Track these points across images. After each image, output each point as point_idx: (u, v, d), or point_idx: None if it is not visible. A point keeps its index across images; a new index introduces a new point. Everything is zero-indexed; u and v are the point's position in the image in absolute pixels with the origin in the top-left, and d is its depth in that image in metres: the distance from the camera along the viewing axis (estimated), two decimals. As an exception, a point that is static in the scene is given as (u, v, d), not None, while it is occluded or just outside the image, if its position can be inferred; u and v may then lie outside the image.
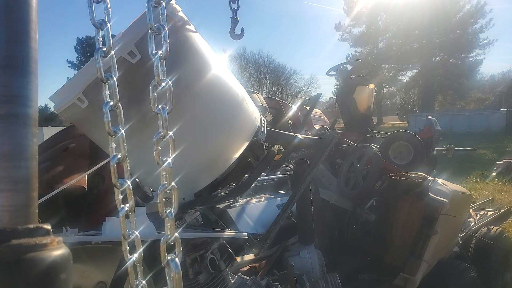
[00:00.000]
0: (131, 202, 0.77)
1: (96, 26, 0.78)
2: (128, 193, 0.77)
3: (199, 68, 1.71)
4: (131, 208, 0.77)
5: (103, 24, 0.78)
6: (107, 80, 0.78)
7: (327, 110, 39.13)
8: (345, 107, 5.36)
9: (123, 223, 0.76)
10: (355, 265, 2.83)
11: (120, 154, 0.77)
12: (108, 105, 0.78)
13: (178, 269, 0.73)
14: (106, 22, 0.78)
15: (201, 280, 1.97)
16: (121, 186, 0.76)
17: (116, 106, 0.79)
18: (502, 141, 19.84)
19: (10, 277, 0.52)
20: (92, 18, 0.78)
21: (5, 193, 0.58)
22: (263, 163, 2.12)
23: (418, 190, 2.60)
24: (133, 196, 0.78)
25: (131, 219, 0.79)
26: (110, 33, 0.79)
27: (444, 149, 6.13)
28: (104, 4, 0.80)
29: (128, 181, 0.77)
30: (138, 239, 0.77)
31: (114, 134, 0.77)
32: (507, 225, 4.87)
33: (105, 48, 0.78)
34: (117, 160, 0.77)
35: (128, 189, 0.77)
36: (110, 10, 0.80)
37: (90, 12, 0.78)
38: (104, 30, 0.78)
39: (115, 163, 0.76)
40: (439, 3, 38.70)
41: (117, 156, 0.77)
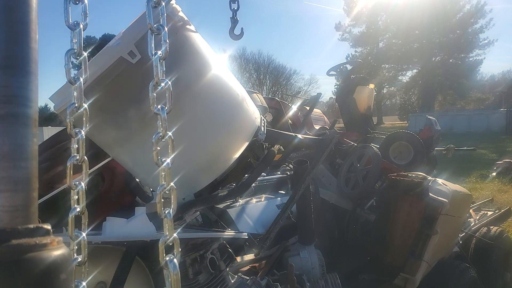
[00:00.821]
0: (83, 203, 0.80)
1: (70, 27, 0.78)
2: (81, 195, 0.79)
3: (199, 68, 1.71)
4: (82, 209, 0.80)
5: (76, 26, 0.79)
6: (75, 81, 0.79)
7: (327, 110, 39.12)
8: (345, 107, 5.36)
9: (72, 223, 0.78)
10: (355, 265, 2.83)
11: (78, 155, 0.79)
12: (73, 105, 0.79)
13: (176, 270, 0.73)
14: (80, 23, 0.79)
15: (201, 280, 1.97)
16: (75, 188, 0.79)
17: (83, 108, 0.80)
18: (502, 141, 19.83)
19: (10, 277, 0.52)
20: (67, 20, 0.79)
21: (5, 193, 0.58)
22: (263, 163, 2.12)
23: (418, 190, 2.60)
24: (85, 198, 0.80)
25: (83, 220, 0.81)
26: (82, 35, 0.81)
27: (444, 149, 6.13)
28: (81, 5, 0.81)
29: (83, 183, 0.79)
30: (85, 241, 0.79)
31: (75, 136, 0.78)
32: (507, 225, 4.87)
33: (76, 50, 0.79)
34: (74, 161, 0.79)
35: (82, 190, 0.79)
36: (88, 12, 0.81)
37: (66, 13, 0.79)
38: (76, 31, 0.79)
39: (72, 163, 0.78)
40: (439, 3, 38.69)
41: (76, 157, 0.79)
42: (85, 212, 0.81)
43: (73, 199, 0.79)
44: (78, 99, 0.80)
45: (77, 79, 0.79)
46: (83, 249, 0.79)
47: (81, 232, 0.79)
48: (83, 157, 0.80)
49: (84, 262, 0.78)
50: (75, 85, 0.79)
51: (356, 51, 47.47)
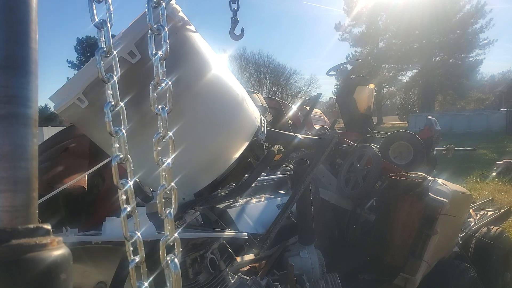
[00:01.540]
0: (133, 203, 0.77)
1: (97, 26, 0.77)
2: (130, 194, 0.77)
3: (199, 68, 1.71)
4: (133, 209, 0.77)
5: (103, 24, 0.78)
6: (108, 80, 0.77)
7: (327, 110, 39.13)
8: (345, 107, 5.36)
9: (125, 224, 0.76)
10: (355, 265, 2.83)
11: (121, 154, 0.77)
12: (110, 105, 0.77)
13: (177, 270, 0.73)
14: (107, 22, 0.78)
15: (201, 280, 1.97)
16: (123, 187, 0.76)
17: (119, 106, 0.79)
18: (502, 141, 19.83)
19: (10, 277, 0.52)
20: (93, 18, 0.77)
21: (5, 194, 0.58)
22: (263, 163, 2.12)
23: (418, 190, 2.60)
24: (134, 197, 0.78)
25: (134, 220, 0.78)
26: (110, 33, 0.79)
27: (444, 149, 6.13)
28: (105, 4, 0.80)
29: (130, 182, 0.77)
30: (140, 240, 0.77)
31: (116, 135, 0.76)
32: (507, 225, 4.87)
33: (106, 48, 0.78)
34: (118, 160, 0.77)
35: (130, 190, 0.77)
36: (112, 9, 0.80)
37: (91, 12, 0.78)
38: (104, 30, 0.78)
39: (116, 163, 0.76)
40: (439, 3, 38.68)
41: (119, 156, 0.77)
42: (135, 211, 0.78)
43: (122, 199, 0.76)
44: (115, 97, 0.78)
45: (111, 77, 0.78)
46: (139, 248, 0.77)
47: (135, 232, 0.77)
48: (127, 156, 0.78)
49: (142, 262, 0.76)
50: (109, 84, 0.78)
51: (356, 51, 47.51)
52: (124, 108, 0.80)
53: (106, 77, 0.77)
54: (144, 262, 0.77)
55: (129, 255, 0.75)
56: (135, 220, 0.79)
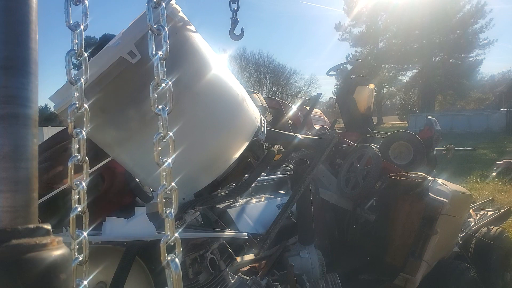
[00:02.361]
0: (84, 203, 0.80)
1: (71, 28, 0.79)
2: (82, 195, 0.79)
3: (199, 68, 1.71)
4: (83, 209, 0.80)
5: (77, 27, 0.79)
6: (76, 82, 0.79)
7: (327, 110, 39.13)
8: (345, 107, 5.36)
9: (73, 223, 0.78)
10: (355, 265, 2.83)
11: (79, 155, 0.79)
12: (74, 106, 0.79)
13: (178, 270, 0.73)
14: (80, 24, 0.79)
15: (201, 280, 1.97)
16: (76, 188, 0.79)
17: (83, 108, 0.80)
18: (502, 141, 19.82)
19: (10, 277, 0.53)
20: (68, 20, 0.79)
21: (5, 194, 0.58)
22: (263, 163, 2.12)
23: (418, 190, 2.60)
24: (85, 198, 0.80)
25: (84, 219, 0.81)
26: (83, 36, 0.81)
27: (444, 149, 6.13)
28: (82, 6, 0.81)
29: (84, 183, 0.79)
30: (86, 240, 0.79)
31: (76, 136, 0.78)
32: (507, 225, 4.87)
33: (77, 50, 0.79)
34: (76, 161, 0.79)
35: (83, 190, 0.79)
36: (88, 13, 0.81)
37: (66, 14, 0.79)
38: (77, 32, 0.79)
39: (73, 163, 0.78)
40: (439, 3, 38.68)
41: (77, 157, 0.79)
42: (86, 211, 0.81)
43: (74, 199, 0.79)
44: (79, 100, 0.80)
45: (78, 80, 0.79)
46: (84, 248, 0.79)
47: (82, 232, 0.79)
48: (84, 157, 0.80)
49: (85, 261, 0.79)
50: (76, 86, 0.79)
51: (356, 51, 47.47)
52: (88, 111, 0.81)
53: (73, 79, 0.78)
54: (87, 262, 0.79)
55: (73, 253, 0.78)
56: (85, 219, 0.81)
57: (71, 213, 0.78)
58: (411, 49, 42.94)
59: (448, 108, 43.68)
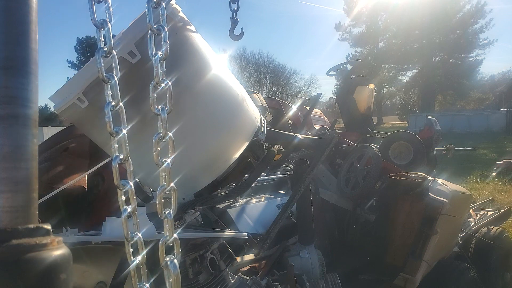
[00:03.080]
0: (133, 204, 0.77)
1: (97, 26, 0.77)
2: (130, 194, 0.77)
3: (199, 68, 1.71)
4: (133, 209, 0.77)
5: (104, 24, 0.78)
6: (109, 80, 0.77)
7: (327, 110, 39.12)
8: (345, 107, 5.36)
9: (125, 224, 0.75)
10: (355, 265, 2.83)
11: (122, 154, 0.77)
12: (110, 105, 0.77)
13: (176, 270, 0.73)
14: (107, 22, 0.78)
15: (201, 280, 1.97)
16: (123, 187, 0.76)
17: (118, 106, 0.79)
18: (502, 141, 19.83)
19: (10, 277, 0.53)
20: (93, 18, 0.77)
21: (5, 194, 0.58)
22: (263, 163, 2.12)
23: (418, 190, 2.60)
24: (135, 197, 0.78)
25: (133, 220, 0.78)
26: (111, 33, 0.79)
27: (444, 149, 6.12)
28: (105, 4, 0.79)
29: (131, 182, 0.77)
30: (141, 241, 0.77)
31: (116, 135, 0.76)
32: (507, 225, 4.87)
33: (106, 48, 0.78)
34: (119, 161, 0.77)
35: (131, 190, 0.77)
36: (111, 10, 0.79)
37: (91, 12, 0.77)
38: (105, 30, 0.78)
39: (117, 163, 0.76)
40: (439, 3, 38.68)
41: (119, 157, 0.77)
42: (135, 212, 0.78)
43: (121, 200, 0.76)
44: (115, 97, 0.78)
45: (111, 78, 0.78)
46: (140, 249, 0.77)
47: (136, 233, 0.77)
48: (127, 156, 0.78)
49: (142, 263, 0.76)
50: (109, 84, 0.78)
51: (356, 51, 47.51)
52: (124, 109, 0.79)
53: (106, 77, 0.77)
54: (144, 263, 0.76)
55: (129, 256, 0.75)
56: (135, 220, 0.78)
57: (122, 214, 0.75)
58: (411, 49, 42.95)
59: (448, 108, 43.68)
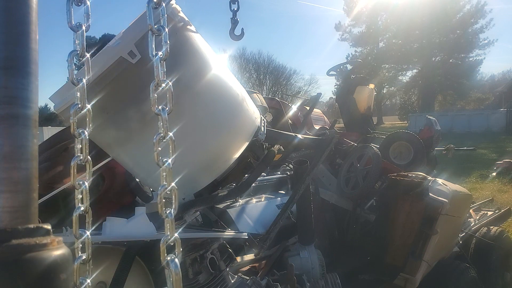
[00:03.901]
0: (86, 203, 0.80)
1: (73, 29, 0.78)
2: (84, 194, 0.79)
3: (199, 68, 1.71)
4: (86, 208, 0.80)
5: (79, 27, 0.79)
6: (78, 82, 0.79)
7: (327, 110, 39.10)
8: (345, 107, 5.36)
9: (76, 222, 0.78)
10: (355, 265, 2.83)
11: (82, 155, 0.79)
12: (76, 107, 0.79)
13: (178, 270, 0.73)
14: (82, 25, 0.79)
15: (201, 280, 1.97)
16: (79, 187, 0.79)
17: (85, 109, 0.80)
18: (502, 141, 19.82)
19: (10, 277, 0.53)
20: (69, 21, 0.79)
21: (5, 194, 0.58)
22: (263, 163, 2.12)
23: (418, 190, 2.60)
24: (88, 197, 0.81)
25: (87, 219, 0.81)
26: (85, 37, 0.80)
27: (444, 149, 6.13)
28: (84, 7, 0.81)
29: (87, 183, 0.79)
30: (89, 239, 0.79)
31: (78, 136, 0.78)
32: (507, 225, 4.87)
33: (79, 51, 0.79)
34: (78, 161, 0.79)
35: (85, 190, 0.79)
36: (90, 13, 0.81)
37: (68, 14, 0.79)
38: (79, 33, 0.79)
39: (75, 162, 0.78)
40: (439, 3, 38.68)
41: (79, 157, 0.79)
42: (89, 211, 0.81)
43: (77, 198, 0.79)
44: (81, 100, 0.80)
45: (80, 80, 0.79)
46: (87, 247, 0.80)
47: (85, 231, 0.80)
48: (87, 157, 0.80)
49: (88, 260, 0.79)
50: (78, 86, 0.79)
51: (356, 51, 47.48)
52: (91, 111, 0.81)
53: (76, 80, 0.78)
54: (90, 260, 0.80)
55: (76, 252, 0.77)
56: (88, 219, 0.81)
57: (74, 212, 0.78)
58: (411, 49, 42.94)
59: (448, 108, 43.68)
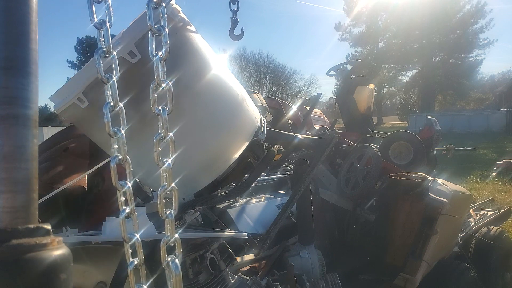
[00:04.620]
0: (132, 205, 0.77)
1: (96, 26, 0.77)
2: (128, 195, 0.77)
3: (199, 68, 1.71)
4: (132, 210, 0.77)
5: (103, 24, 0.78)
6: (107, 80, 0.77)
7: (327, 110, 39.11)
8: (345, 107, 5.36)
9: (124, 225, 0.75)
10: (355, 265, 2.83)
11: (120, 155, 0.77)
12: (109, 105, 0.77)
13: (178, 270, 0.72)
14: (106, 22, 0.78)
15: (201, 280, 1.97)
16: (122, 188, 0.76)
17: (117, 106, 0.78)
18: (502, 141, 19.82)
19: (10, 277, 0.53)
20: (92, 19, 0.77)
21: (5, 194, 0.58)
22: (263, 163, 2.12)
23: (418, 190, 2.60)
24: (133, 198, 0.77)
25: (133, 221, 0.78)
26: (110, 33, 0.79)
27: (444, 149, 6.13)
28: (105, 4, 0.79)
29: (129, 183, 0.77)
30: (139, 242, 0.76)
31: (114, 135, 0.76)
32: (507, 225, 4.87)
33: (105, 48, 0.78)
34: (117, 161, 0.76)
35: (129, 191, 0.77)
36: (111, 10, 0.79)
37: (90, 12, 0.77)
38: (104, 30, 0.78)
39: (115, 164, 0.76)
40: (439, 3, 38.67)
41: (118, 157, 0.77)
42: (134, 212, 0.78)
43: (121, 200, 0.76)
44: (114, 98, 0.78)
45: (110, 78, 0.78)
46: (138, 251, 0.76)
47: (134, 234, 0.76)
48: (126, 157, 0.78)
49: (141, 265, 0.76)
50: (108, 84, 0.78)
51: (356, 51, 47.50)
52: (124, 109, 0.79)
53: (105, 78, 0.77)
54: (143, 264, 0.76)
55: (128, 257, 0.74)
56: (134, 221, 0.78)
57: (120, 214, 0.75)
58: (411, 49, 42.94)
59: (448, 108, 43.69)
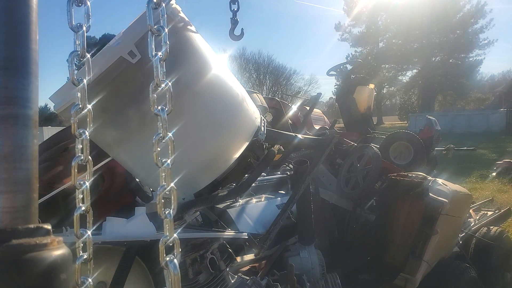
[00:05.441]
0: (87, 203, 0.80)
1: (73, 29, 0.78)
2: (86, 194, 0.80)
3: (199, 68, 1.71)
4: (87, 208, 0.80)
5: (79, 28, 0.79)
6: (78, 83, 0.79)
7: (327, 110, 39.14)
8: (345, 107, 5.37)
9: (77, 222, 0.79)
10: (355, 265, 2.83)
11: (83, 155, 0.79)
12: (77, 107, 0.79)
13: (177, 270, 0.73)
14: (83, 25, 0.79)
15: (201, 280, 1.97)
16: (80, 187, 0.79)
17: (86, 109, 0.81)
18: (502, 141, 19.82)
19: (10, 277, 0.53)
20: (70, 21, 0.79)
21: (5, 195, 0.58)
22: (263, 163, 2.12)
23: (418, 190, 2.60)
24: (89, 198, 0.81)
25: (88, 218, 0.82)
26: (85, 37, 0.80)
27: (444, 149, 6.14)
28: (84, 7, 0.81)
29: (87, 182, 0.80)
30: (90, 239, 0.80)
31: (79, 136, 0.79)
32: (507, 225, 4.87)
33: (79, 51, 0.79)
34: (79, 161, 0.79)
35: (87, 190, 0.80)
36: (90, 14, 0.81)
37: (69, 15, 0.79)
38: (80, 33, 0.79)
39: (76, 162, 0.79)
40: (439, 3, 38.68)
41: (80, 157, 0.80)
42: (90, 210, 0.82)
43: (78, 198, 0.80)
44: (82, 100, 0.80)
45: (81, 80, 0.79)
46: (88, 246, 0.80)
47: (86, 230, 0.80)
48: (88, 157, 0.80)
49: (89, 259, 0.80)
50: (78, 86, 0.79)
51: (356, 51, 47.47)
52: (91, 111, 0.82)
53: (76, 80, 0.78)
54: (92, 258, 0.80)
55: (78, 252, 0.78)
56: (89, 219, 0.82)
57: (75, 212, 0.79)
58: (411, 49, 42.94)
59: (448, 108, 43.68)
